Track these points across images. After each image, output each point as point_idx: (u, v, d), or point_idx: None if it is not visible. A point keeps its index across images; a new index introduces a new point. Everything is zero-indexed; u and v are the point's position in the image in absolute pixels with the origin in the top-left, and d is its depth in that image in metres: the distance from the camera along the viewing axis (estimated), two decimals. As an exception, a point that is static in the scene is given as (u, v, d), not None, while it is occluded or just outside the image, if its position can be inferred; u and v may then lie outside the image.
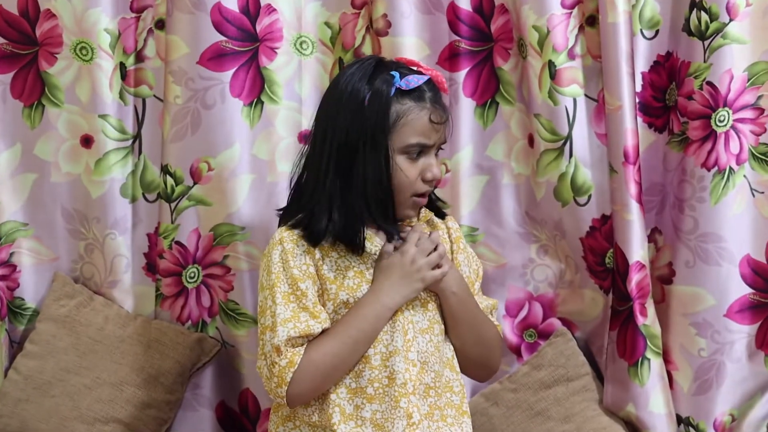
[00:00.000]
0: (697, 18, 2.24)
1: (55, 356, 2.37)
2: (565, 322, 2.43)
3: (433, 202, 2.06)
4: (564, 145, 2.31)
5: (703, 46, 2.24)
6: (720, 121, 2.24)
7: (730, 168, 2.25)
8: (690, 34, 2.27)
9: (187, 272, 2.41)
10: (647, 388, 2.28)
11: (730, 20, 2.21)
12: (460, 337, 2.01)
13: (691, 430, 2.32)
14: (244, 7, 2.34)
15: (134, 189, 2.43)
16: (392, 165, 1.90)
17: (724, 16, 2.22)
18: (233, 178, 2.35)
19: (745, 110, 2.25)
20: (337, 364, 1.88)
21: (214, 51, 2.32)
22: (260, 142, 2.37)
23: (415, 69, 1.96)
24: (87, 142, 2.40)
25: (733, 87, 2.23)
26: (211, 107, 2.33)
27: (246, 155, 2.36)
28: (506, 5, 2.35)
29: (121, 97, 2.40)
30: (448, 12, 2.36)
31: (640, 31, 2.33)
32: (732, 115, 2.24)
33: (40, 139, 2.42)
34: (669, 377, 2.32)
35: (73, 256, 2.46)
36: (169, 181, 2.37)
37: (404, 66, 1.96)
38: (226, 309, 2.42)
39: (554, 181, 2.34)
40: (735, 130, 2.25)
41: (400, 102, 1.90)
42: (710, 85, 2.23)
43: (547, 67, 2.29)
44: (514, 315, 2.44)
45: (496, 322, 2.11)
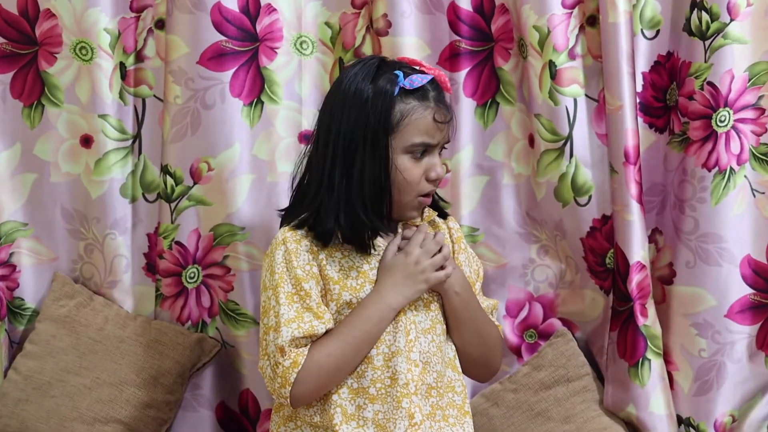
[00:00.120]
0: (698, 18, 2.24)
1: (55, 356, 2.37)
2: (566, 322, 2.43)
3: (435, 203, 2.06)
4: (564, 145, 2.31)
5: (703, 46, 2.24)
6: (721, 122, 2.24)
7: (731, 168, 2.25)
8: (691, 34, 2.26)
9: (187, 272, 2.41)
10: (648, 388, 2.28)
11: (731, 20, 2.21)
12: (461, 338, 2.01)
13: (691, 431, 2.32)
14: (244, 7, 2.33)
15: (134, 189, 2.42)
16: (391, 164, 1.90)
17: (725, 16, 2.21)
18: (233, 178, 2.35)
19: (745, 110, 2.25)
20: (341, 365, 1.88)
21: (214, 51, 2.32)
22: (260, 142, 2.37)
23: (418, 68, 1.95)
24: (87, 142, 2.39)
25: (734, 87, 2.23)
26: (211, 107, 2.33)
27: (246, 155, 2.35)
28: (507, 5, 2.35)
29: (121, 97, 2.39)
30: (449, 12, 2.36)
31: (641, 31, 2.33)
32: (733, 116, 2.24)
33: (39, 139, 2.41)
34: (669, 378, 2.32)
35: (73, 256, 2.46)
36: (169, 181, 2.37)
37: (407, 65, 1.95)
38: (226, 309, 2.41)
39: (555, 182, 2.33)
40: (736, 131, 2.25)
41: (403, 101, 1.90)
42: (711, 86, 2.23)
43: (548, 67, 2.28)
44: (515, 315, 2.44)
45: (497, 322, 2.11)
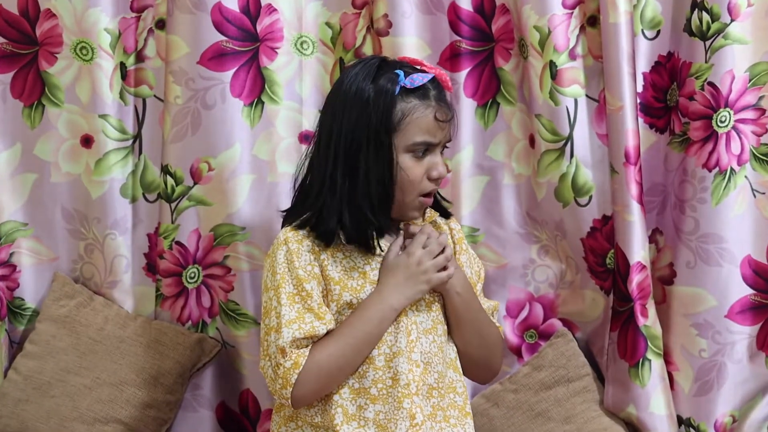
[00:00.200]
0: (699, 18, 2.24)
1: (55, 356, 2.37)
2: (566, 322, 2.43)
3: (438, 203, 2.06)
4: (565, 145, 2.31)
5: (704, 46, 2.24)
6: (721, 122, 2.24)
7: (732, 169, 2.25)
8: (691, 35, 2.26)
9: (188, 272, 2.41)
10: (648, 389, 2.28)
11: (732, 21, 2.21)
12: (462, 338, 2.01)
13: (691, 431, 2.32)
14: (245, 7, 2.33)
15: (134, 189, 2.42)
16: (395, 164, 1.90)
17: (726, 17, 2.21)
18: (233, 179, 2.34)
19: (746, 111, 2.25)
20: (342, 366, 1.88)
21: (214, 51, 2.32)
22: (261, 143, 2.36)
23: (419, 68, 1.95)
24: (87, 142, 2.39)
25: (735, 87, 2.23)
26: (212, 107, 2.33)
27: (246, 155, 2.35)
28: (507, 5, 2.35)
29: (122, 97, 2.39)
30: (449, 12, 2.36)
31: (642, 31, 2.33)
32: (733, 116, 2.24)
33: (40, 139, 2.41)
34: (670, 378, 2.32)
35: (73, 256, 2.45)
36: (170, 181, 2.37)
37: (408, 65, 1.95)
38: (227, 309, 2.41)
39: (555, 182, 2.33)
40: (736, 131, 2.25)
41: (405, 100, 1.89)
42: (711, 86, 2.23)
43: (548, 67, 2.28)
44: (515, 315, 2.44)
45: (498, 323, 2.11)
